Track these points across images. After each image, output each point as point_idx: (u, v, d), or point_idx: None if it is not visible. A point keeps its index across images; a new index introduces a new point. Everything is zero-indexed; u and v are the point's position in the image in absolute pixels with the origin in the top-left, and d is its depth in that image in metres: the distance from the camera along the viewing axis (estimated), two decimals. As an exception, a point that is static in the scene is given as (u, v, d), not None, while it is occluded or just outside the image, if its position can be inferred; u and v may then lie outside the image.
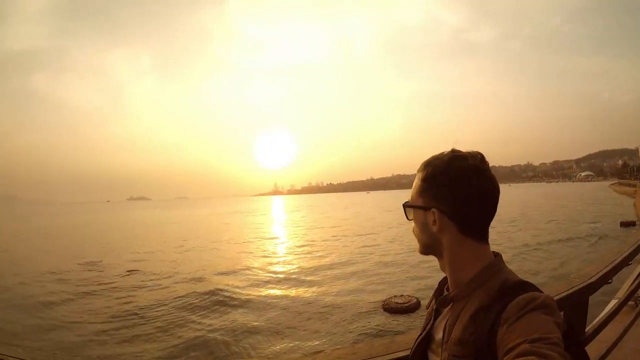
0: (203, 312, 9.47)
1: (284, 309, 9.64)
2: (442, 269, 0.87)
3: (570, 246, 16.04)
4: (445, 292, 0.87)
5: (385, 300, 9.21)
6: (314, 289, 11.52)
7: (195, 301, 10.24)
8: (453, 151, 0.83)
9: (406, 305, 8.78)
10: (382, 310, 8.89)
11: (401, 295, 9.38)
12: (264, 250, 20.04)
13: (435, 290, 0.92)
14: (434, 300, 0.91)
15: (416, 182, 0.87)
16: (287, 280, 12.89)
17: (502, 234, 19.75)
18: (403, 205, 0.90)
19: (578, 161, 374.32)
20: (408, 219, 0.90)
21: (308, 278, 12.89)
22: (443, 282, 0.91)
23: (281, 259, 17.18)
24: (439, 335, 0.83)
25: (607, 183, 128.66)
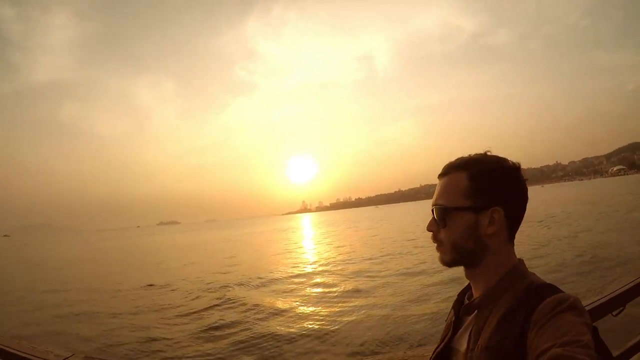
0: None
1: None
2: (471, 277, 0.83)
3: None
4: (467, 301, 0.85)
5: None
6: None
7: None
8: (487, 153, 0.82)
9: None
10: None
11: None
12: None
13: (455, 301, 0.88)
14: (452, 311, 0.88)
15: (456, 181, 0.80)
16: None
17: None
18: (444, 209, 0.80)
19: (608, 156, 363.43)
20: (444, 225, 0.81)
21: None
22: (463, 292, 0.89)
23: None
24: (462, 346, 0.80)
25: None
